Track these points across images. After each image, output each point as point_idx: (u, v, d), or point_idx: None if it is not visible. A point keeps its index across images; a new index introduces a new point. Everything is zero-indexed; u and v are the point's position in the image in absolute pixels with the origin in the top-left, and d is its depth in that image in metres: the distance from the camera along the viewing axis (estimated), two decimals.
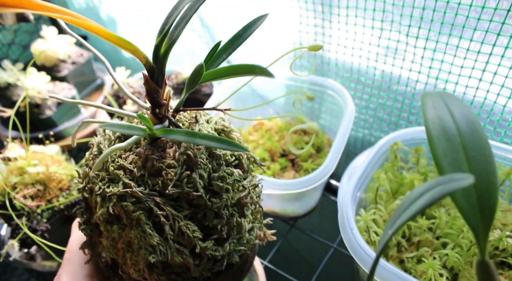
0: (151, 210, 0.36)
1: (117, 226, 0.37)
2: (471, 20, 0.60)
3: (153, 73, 0.38)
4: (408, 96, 0.77)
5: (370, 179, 0.68)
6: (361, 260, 0.55)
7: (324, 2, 0.72)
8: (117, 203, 0.36)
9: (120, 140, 0.40)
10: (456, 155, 0.32)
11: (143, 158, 0.37)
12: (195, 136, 0.36)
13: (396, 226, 0.29)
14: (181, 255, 0.37)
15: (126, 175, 0.37)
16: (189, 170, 0.37)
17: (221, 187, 0.39)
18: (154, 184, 0.36)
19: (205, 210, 0.38)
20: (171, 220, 0.36)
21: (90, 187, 0.38)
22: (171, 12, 0.38)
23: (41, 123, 0.99)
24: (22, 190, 0.67)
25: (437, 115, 0.35)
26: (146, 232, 0.35)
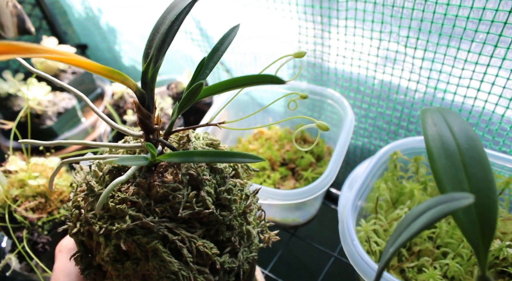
0: (165, 237, 0.35)
1: (129, 262, 0.36)
2: (469, 31, 0.60)
3: (144, 99, 0.38)
4: (407, 105, 0.77)
5: (370, 189, 0.69)
6: (362, 271, 0.55)
7: (323, 13, 0.73)
8: (127, 238, 0.35)
9: (113, 174, 0.39)
10: (456, 172, 0.33)
11: (145, 187, 0.36)
12: (204, 156, 0.36)
13: (397, 244, 0.30)
14: (202, 275, 0.37)
15: (131, 208, 0.36)
16: (195, 189, 0.38)
17: (229, 199, 0.39)
18: (163, 211, 0.36)
19: (217, 225, 0.38)
20: (188, 243, 0.36)
21: (87, 229, 0.37)
22: (152, 35, 0.38)
23: (42, 133, 0.99)
24: (24, 202, 0.67)
25: (437, 132, 0.35)
26: (166, 260, 0.35)
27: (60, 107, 1.02)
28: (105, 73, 0.33)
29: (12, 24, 0.77)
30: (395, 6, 0.65)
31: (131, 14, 1.11)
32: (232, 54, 0.97)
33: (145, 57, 0.39)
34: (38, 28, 1.22)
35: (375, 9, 0.67)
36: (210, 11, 0.91)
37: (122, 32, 1.20)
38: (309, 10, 0.74)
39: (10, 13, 0.76)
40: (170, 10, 0.39)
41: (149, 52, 0.39)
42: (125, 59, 1.29)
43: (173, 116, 0.42)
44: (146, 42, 0.39)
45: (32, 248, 0.66)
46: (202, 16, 0.94)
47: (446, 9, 0.60)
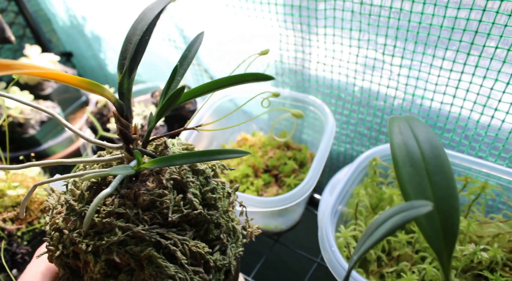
0: (157, 244, 0.36)
1: (123, 274, 0.35)
2: (443, 39, 0.62)
3: (122, 110, 0.39)
4: (387, 111, 0.78)
5: (350, 195, 0.69)
6: (340, 277, 0.56)
7: (303, 22, 0.74)
8: (119, 250, 0.35)
9: (93, 189, 0.38)
10: (420, 180, 0.33)
11: (131, 196, 0.37)
12: (189, 157, 0.37)
13: (360, 252, 0.30)
14: (198, 274, 0.37)
15: (119, 220, 0.36)
16: (180, 192, 0.38)
17: (214, 198, 0.40)
18: (152, 218, 0.36)
19: (205, 225, 0.39)
20: (180, 245, 0.36)
21: (71, 249, 0.37)
22: (125, 46, 0.39)
23: (24, 142, 0.98)
24: (2, 213, 0.66)
25: (403, 141, 0.36)
26: (162, 266, 0.35)
27: (43, 115, 1.01)
28: (84, 86, 0.34)
29: None
30: (372, 15, 0.66)
31: (116, 22, 1.11)
32: (215, 63, 0.97)
33: (120, 68, 0.39)
34: (21, 36, 1.22)
35: (353, 17, 0.68)
36: (193, 20, 0.91)
37: (107, 40, 1.20)
38: (289, 18, 0.75)
39: None
40: (140, 21, 0.39)
41: (123, 63, 0.39)
42: (111, 66, 1.29)
43: (150, 124, 0.42)
44: (119, 54, 0.40)
45: (11, 258, 0.66)
46: (185, 24, 0.94)
47: (421, 18, 0.61)
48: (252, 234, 0.48)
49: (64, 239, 0.37)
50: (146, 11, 0.41)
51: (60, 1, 1.17)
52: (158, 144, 0.44)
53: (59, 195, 0.44)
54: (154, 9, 0.41)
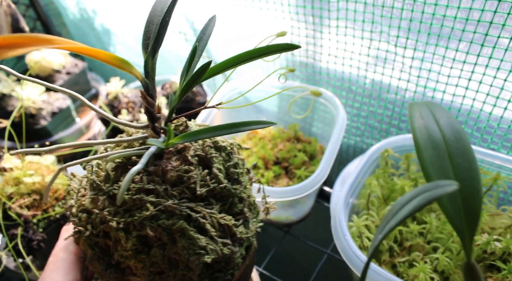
0: (188, 217, 0.37)
1: (156, 249, 0.36)
2: (456, 31, 0.62)
3: (148, 88, 0.40)
4: (398, 104, 0.79)
5: (362, 186, 0.70)
6: (354, 265, 0.56)
7: (315, 14, 0.74)
8: (153, 224, 0.35)
9: (120, 169, 0.39)
10: (442, 162, 0.34)
11: (159, 173, 0.38)
12: (215, 130, 0.38)
13: (385, 230, 0.31)
14: (226, 246, 0.38)
15: (149, 196, 0.36)
16: (205, 168, 0.40)
17: (237, 173, 0.42)
18: (180, 192, 0.37)
19: (230, 198, 0.40)
20: (209, 218, 0.37)
21: (102, 228, 0.37)
22: (147, 26, 0.40)
23: (36, 133, 0.99)
24: (18, 200, 0.67)
25: (424, 125, 0.37)
26: (194, 238, 0.36)
27: (55, 107, 1.02)
28: (114, 63, 0.35)
29: (6, 23, 0.77)
30: (385, 6, 0.66)
31: (126, 16, 1.12)
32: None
33: (144, 48, 0.40)
34: (32, 29, 1.22)
35: (365, 9, 0.69)
36: (204, 12, 0.92)
37: (116, 34, 1.20)
38: (301, 10, 0.75)
39: (4, 13, 0.76)
40: (159, 3, 0.40)
41: (147, 43, 0.40)
42: None
43: (173, 103, 0.43)
44: (142, 34, 0.40)
45: (27, 245, 0.67)
46: (196, 17, 0.95)
47: (434, 9, 0.62)
48: (269, 210, 0.49)
49: (93, 219, 0.38)
50: (152, 12, 0.42)
51: None
52: (177, 124, 0.45)
53: (80, 179, 0.44)
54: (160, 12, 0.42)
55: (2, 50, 0.24)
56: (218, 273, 0.39)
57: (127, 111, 0.96)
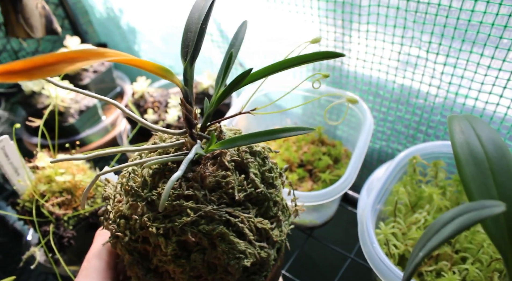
0: (226, 222, 0.37)
1: (196, 253, 0.37)
2: (493, 38, 0.61)
3: (187, 96, 0.40)
4: (426, 110, 0.77)
5: (389, 192, 0.69)
6: (382, 273, 0.56)
7: (345, 18, 0.74)
8: (193, 230, 0.36)
9: (158, 175, 0.40)
10: (484, 179, 0.33)
11: (198, 179, 0.38)
12: (255, 137, 0.39)
13: (427, 248, 0.31)
14: (263, 249, 0.39)
15: (189, 202, 0.37)
16: (242, 173, 0.40)
17: (272, 177, 0.42)
18: (219, 198, 0.38)
19: (266, 202, 0.41)
20: (247, 223, 0.38)
21: (141, 233, 0.38)
22: (185, 34, 0.40)
23: (64, 130, 1.01)
24: (51, 198, 0.69)
25: (465, 140, 0.36)
26: (233, 242, 0.37)
27: (82, 105, 1.04)
28: (159, 72, 0.35)
29: (40, 24, 0.79)
30: (418, 12, 0.65)
31: (152, 15, 1.13)
32: (252, 56, 0.98)
33: (183, 56, 0.41)
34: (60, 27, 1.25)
35: (397, 14, 0.68)
36: (231, 14, 0.92)
37: (142, 33, 1.22)
38: (331, 14, 0.75)
39: (39, 14, 0.78)
40: (196, 11, 0.41)
41: (186, 51, 0.41)
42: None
43: (209, 109, 0.43)
44: (181, 42, 0.41)
45: (58, 242, 0.68)
46: (223, 18, 0.95)
47: (471, 16, 0.60)
48: (298, 212, 0.49)
49: (132, 224, 0.38)
50: (197, 3, 0.43)
51: None
52: (211, 130, 0.45)
53: (115, 184, 0.45)
54: (206, 1, 0.42)
55: (63, 65, 0.25)
56: (253, 275, 0.40)
57: (153, 111, 0.97)
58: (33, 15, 0.77)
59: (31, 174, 0.73)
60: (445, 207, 0.68)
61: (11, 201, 0.74)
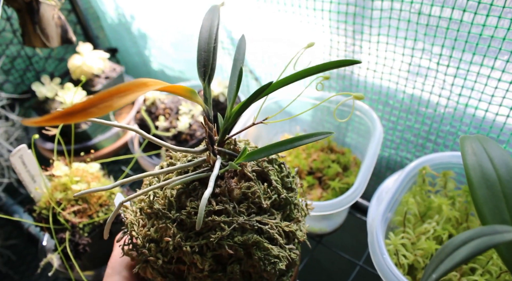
0: (258, 230, 0.39)
1: (233, 265, 0.38)
2: (504, 52, 0.61)
3: (208, 114, 0.42)
4: (436, 120, 0.78)
5: (399, 203, 0.70)
6: None
7: (356, 29, 0.75)
8: (229, 243, 0.37)
9: (184, 195, 0.41)
10: (497, 203, 0.34)
11: (225, 192, 0.40)
12: (270, 149, 0.41)
13: (440, 271, 0.32)
14: (292, 251, 0.41)
15: (221, 217, 0.38)
16: (264, 181, 0.43)
17: (290, 182, 0.45)
18: (247, 208, 0.40)
19: (287, 206, 0.43)
20: (276, 228, 0.40)
21: (175, 254, 0.38)
22: (200, 54, 0.42)
23: (77, 136, 1.03)
24: (68, 207, 0.70)
25: (477, 162, 0.37)
26: (268, 248, 0.38)
27: None
28: (187, 95, 0.37)
29: (56, 34, 0.81)
30: (429, 25, 0.66)
31: (162, 22, 1.14)
32: (261, 64, 0.99)
33: (201, 76, 0.42)
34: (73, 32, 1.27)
35: (408, 27, 0.69)
36: (243, 23, 0.93)
37: (152, 39, 1.23)
38: (342, 25, 0.76)
39: (55, 24, 0.79)
40: (205, 31, 0.42)
41: (203, 71, 0.42)
42: (154, 64, 1.33)
43: (228, 122, 0.45)
44: (196, 62, 0.42)
45: (74, 249, 0.70)
46: (234, 27, 0.96)
47: (482, 30, 0.61)
48: (309, 211, 0.52)
49: (163, 247, 0.39)
50: (205, 23, 0.44)
51: (110, 0, 1.21)
52: (228, 143, 0.46)
53: (134, 210, 0.45)
54: (213, 20, 0.44)
55: (116, 100, 0.27)
56: (282, 277, 0.42)
57: (164, 118, 0.99)
58: (50, 25, 0.78)
59: (48, 181, 0.75)
60: (454, 218, 0.69)
61: (28, 208, 0.76)
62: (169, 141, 0.92)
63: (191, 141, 0.94)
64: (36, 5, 0.72)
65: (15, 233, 1.15)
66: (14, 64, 1.17)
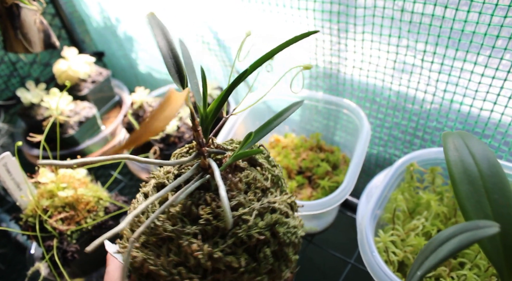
0: (272, 210, 0.41)
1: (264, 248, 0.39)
2: (486, 47, 0.62)
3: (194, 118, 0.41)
4: (422, 116, 0.78)
5: (388, 200, 0.71)
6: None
7: (341, 27, 0.75)
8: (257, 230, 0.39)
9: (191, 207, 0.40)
10: (479, 198, 0.34)
11: (233, 187, 0.41)
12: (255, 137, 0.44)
13: (425, 268, 0.32)
14: (298, 219, 0.46)
15: (240, 210, 0.40)
16: (256, 166, 0.45)
17: (272, 160, 0.48)
18: (254, 194, 0.42)
19: (279, 182, 0.46)
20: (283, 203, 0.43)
21: (209, 265, 0.37)
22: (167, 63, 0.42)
23: (64, 142, 1.02)
24: (55, 214, 0.70)
25: (459, 158, 0.37)
26: (287, 222, 0.42)
27: (82, 116, 1.05)
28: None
29: (38, 39, 0.80)
30: (412, 22, 0.66)
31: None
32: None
33: (178, 81, 0.43)
34: (57, 37, 1.25)
35: (392, 24, 0.69)
36: (228, 23, 0.93)
37: (139, 41, 1.22)
38: (327, 24, 0.76)
39: (37, 29, 0.78)
40: (161, 39, 0.43)
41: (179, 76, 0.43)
42: (142, 66, 1.32)
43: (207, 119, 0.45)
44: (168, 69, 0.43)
45: (62, 256, 0.69)
46: (220, 27, 0.96)
47: (464, 25, 0.61)
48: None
49: (193, 265, 0.38)
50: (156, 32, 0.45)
51: (95, 3, 1.19)
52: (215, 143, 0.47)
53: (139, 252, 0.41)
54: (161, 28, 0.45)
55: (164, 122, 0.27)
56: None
57: None
58: (31, 30, 0.77)
59: (34, 188, 0.74)
60: (443, 213, 0.69)
61: (14, 216, 0.74)
62: (157, 144, 0.91)
63: (180, 144, 0.93)
64: (16, 10, 0.71)
65: (3, 241, 1.13)
66: None
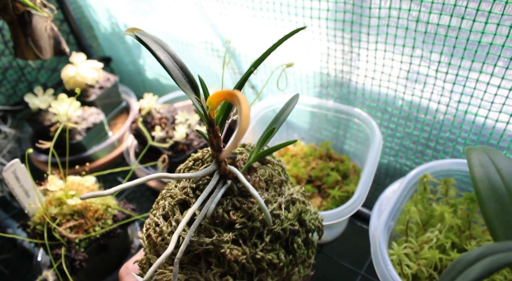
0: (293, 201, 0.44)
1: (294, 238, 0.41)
2: (503, 59, 0.61)
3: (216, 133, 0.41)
4: (435, 127, 0.78)
5: (401, 211, 0.69)
6: None
7: (354, 37, 0.74)
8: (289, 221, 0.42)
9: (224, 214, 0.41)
10: (507, 216, 0.33)
11: (257, 187, 0.43)
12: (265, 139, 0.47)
13: None
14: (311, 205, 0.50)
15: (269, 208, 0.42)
16: (265, 164, 0.47)
17: (275, 156, 0.51)
18: (273, 189, 0.44)
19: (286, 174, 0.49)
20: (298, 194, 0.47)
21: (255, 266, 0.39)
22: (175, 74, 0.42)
23: (72, 148, 1.01)
24: (64, 222, 0.69)
25: (485, 174, 0.36)
26: (308, 210, 0.47)
27: (89, 122, 1.04)
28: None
29: (49, 46, 0.79)
30: (427, 33, 0.65)
31: (157, 30, 1.13)
32: (257, 72, 0.98)
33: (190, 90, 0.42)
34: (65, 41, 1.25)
35: (406, 34, 0.68)
36: (238, 31, 0.92)
37: None
38: (339, 33, 0.75)
39: (48, 36, 0.78)
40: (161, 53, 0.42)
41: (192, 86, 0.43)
42: (149, 72, 1.31)
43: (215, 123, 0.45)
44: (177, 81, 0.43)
45: (70, 265, 0.68)
46: (230, 36, 0.96)
47: (481, 37, 0.61)
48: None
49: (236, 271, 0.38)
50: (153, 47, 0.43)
51: (103, 9, 1.19)
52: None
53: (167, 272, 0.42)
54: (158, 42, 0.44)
55: None
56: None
57: (160, 128, 0.97)
58: (42, 37, 0.77)
59: (42, 196, 0.73)
60: (457, 225, 0.68)
61: (22, 223, 0.74)
62: (166, 152, 0.91)
63: (188, 151, 0.93)
64: (28, 17, 0.71)
65: (8, 247, 1.12)
66: (6, 75, 1.15)
